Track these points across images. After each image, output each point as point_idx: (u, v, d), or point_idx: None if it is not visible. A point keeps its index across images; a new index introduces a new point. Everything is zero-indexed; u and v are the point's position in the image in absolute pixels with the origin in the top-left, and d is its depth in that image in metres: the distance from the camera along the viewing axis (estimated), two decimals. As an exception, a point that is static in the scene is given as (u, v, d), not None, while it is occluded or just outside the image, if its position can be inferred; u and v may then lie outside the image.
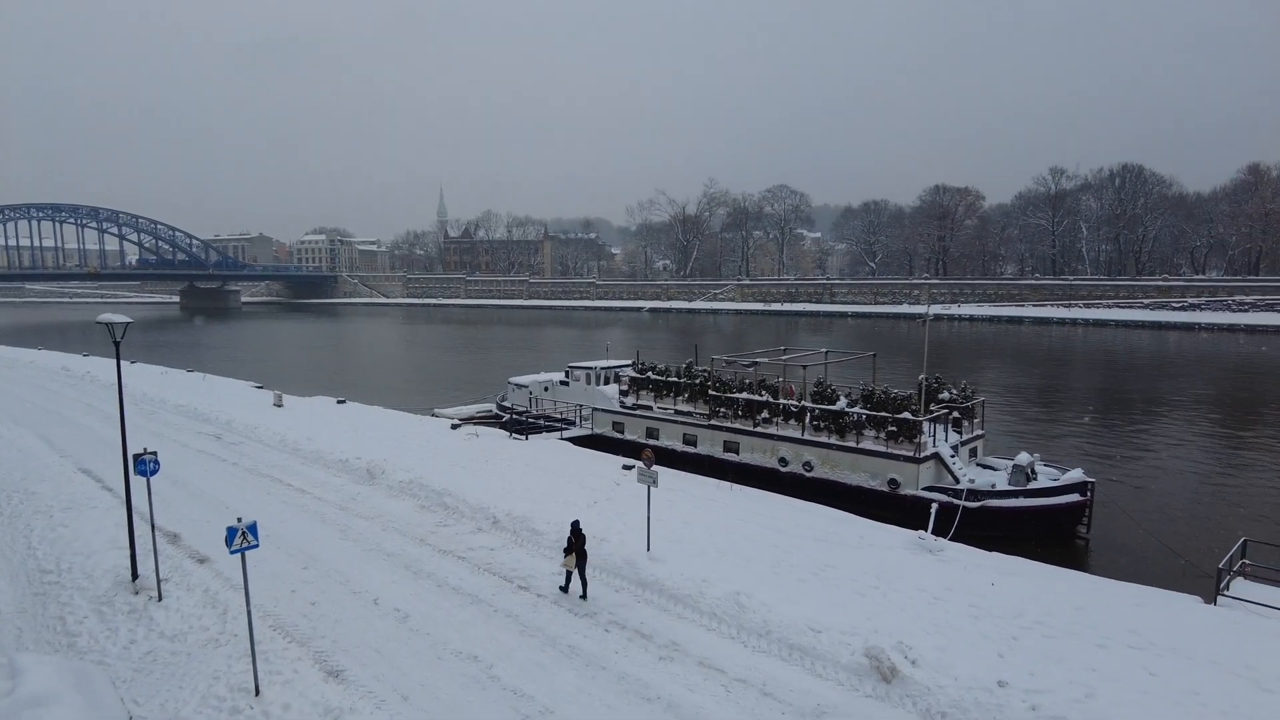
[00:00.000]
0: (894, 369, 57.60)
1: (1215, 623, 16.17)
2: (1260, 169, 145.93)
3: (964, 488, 25.20)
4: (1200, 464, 35.82)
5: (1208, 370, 71.45)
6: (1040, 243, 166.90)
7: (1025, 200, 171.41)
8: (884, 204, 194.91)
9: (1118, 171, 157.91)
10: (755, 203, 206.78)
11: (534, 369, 50.45)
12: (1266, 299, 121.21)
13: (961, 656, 14.29)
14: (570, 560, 17.47)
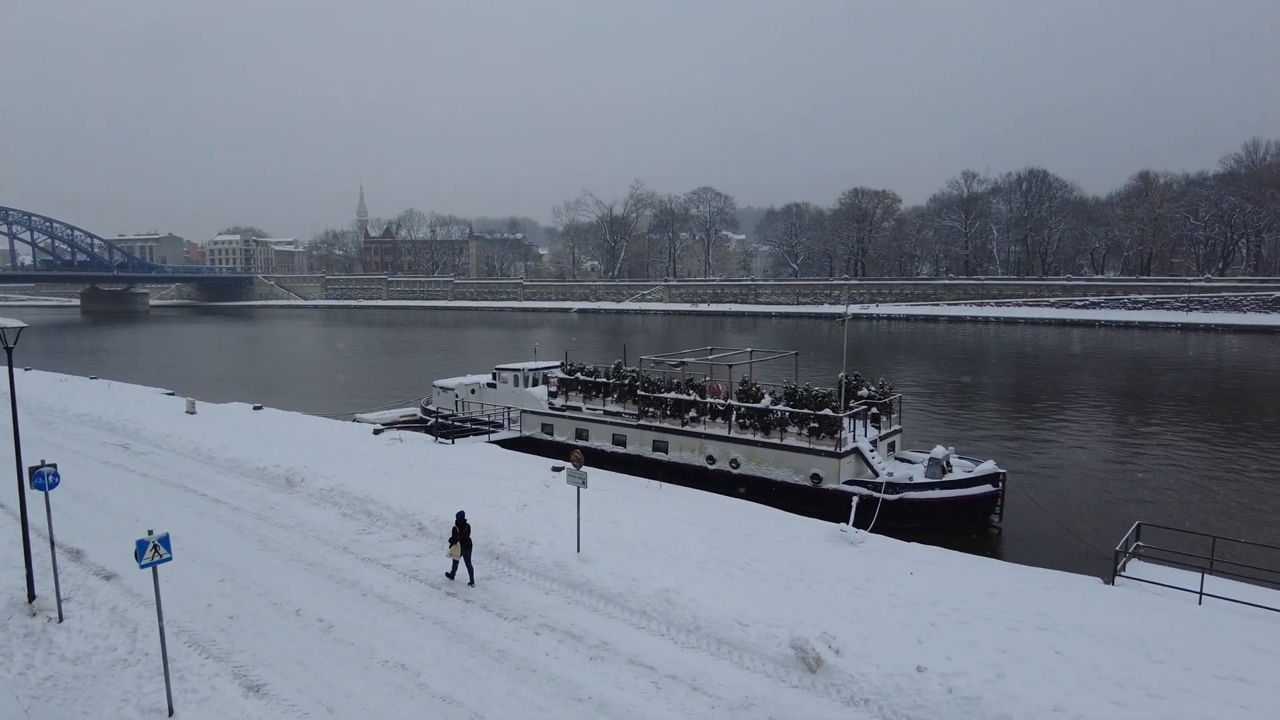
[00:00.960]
0: (816, 367, 59.07)
1: (1113, 602, 17.17)
2: (1149, 176, 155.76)
3: (883, 481, 26.07)
4: (1101, 453, 37.95)
5: (1106, 365, 75.66)
6: (954, 244, 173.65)
7: (939, 203, 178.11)
8: (805, 207, 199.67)
9: (1025, 176, 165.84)
10: (681, 205, 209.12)
11: (459, 371, 49.74)
12: (1157, 297, 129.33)
13: (882, 644, 14.79)
14: (456, 549, 18.34)
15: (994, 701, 12.78)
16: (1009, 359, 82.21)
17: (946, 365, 75.36)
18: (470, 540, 18.57)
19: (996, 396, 56.16)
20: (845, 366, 29.35)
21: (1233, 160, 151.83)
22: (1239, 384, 63.31)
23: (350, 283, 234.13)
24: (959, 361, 79.32)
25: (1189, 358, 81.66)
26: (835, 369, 30.04)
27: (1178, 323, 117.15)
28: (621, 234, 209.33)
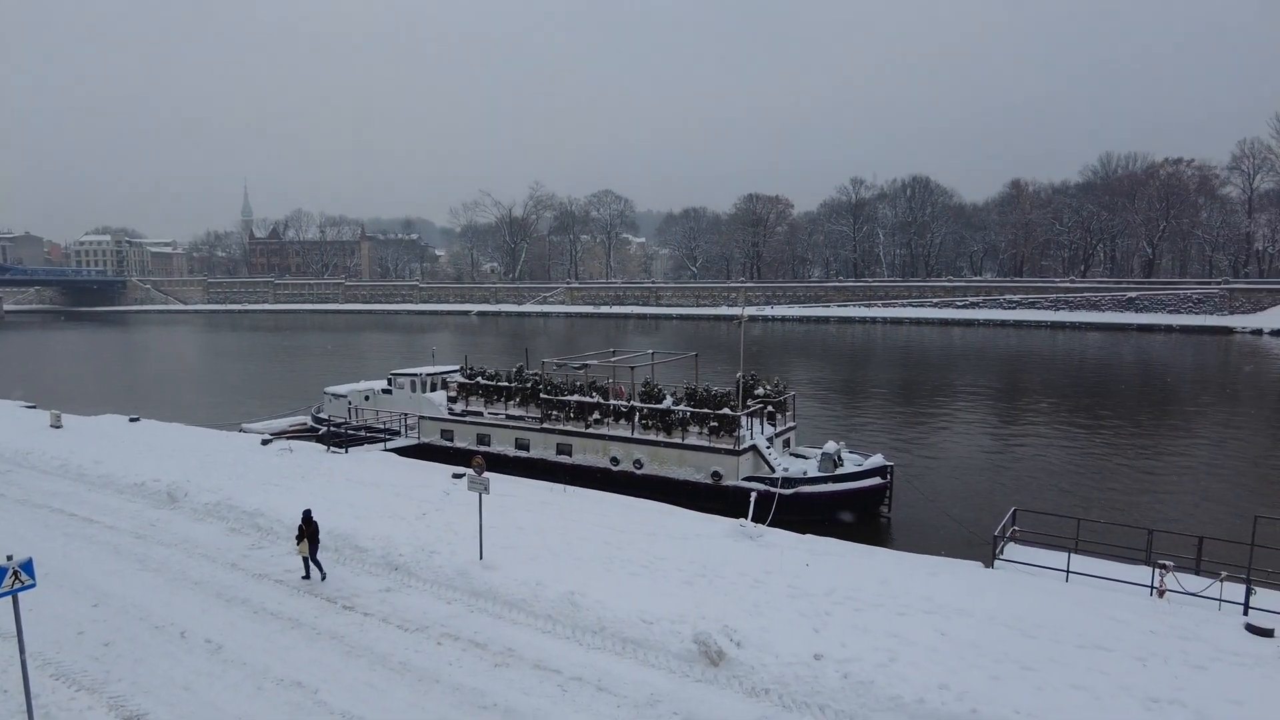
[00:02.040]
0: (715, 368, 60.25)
1: (992, 583, 18.36)
2: (1020, 184, 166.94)
3: (779, 476, 26.97)
4: (981, 444, 40.40)
5: (985, 361, 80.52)
6: (843, 247, 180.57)
7: (829, 208, 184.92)
8: (702, 211, 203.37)
9: (909, 183, 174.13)
10: (582, 207, 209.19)
11: (353, 377, 48.15)
12: (1029, 297, 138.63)
13: (781, 635, 15.32)
14: (304, 547, 18.72)
15: (885, 684, 13.46)
16: (895, 357, 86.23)
17: (837, 364, 78.38)
18: (318, 539, 19.00)
19: (884, 393, 58.86)
20: (742, 367, 30.15)
21: (1090, 171, 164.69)
22: (1100, 377, 68.56)
23: (234, 286, 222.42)
24: (849, 360, 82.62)
25: (1057, 353, 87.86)
26: (733, 369, 30.81)
27: (1047, 321, 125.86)
28: (521, 235, 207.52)
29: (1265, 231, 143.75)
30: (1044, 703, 12.81)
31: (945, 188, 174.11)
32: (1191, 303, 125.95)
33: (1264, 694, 13.11)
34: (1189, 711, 12.56)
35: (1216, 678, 13.67)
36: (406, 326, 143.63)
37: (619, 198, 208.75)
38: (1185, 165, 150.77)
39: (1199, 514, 27.84)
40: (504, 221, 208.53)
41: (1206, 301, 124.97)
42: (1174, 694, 13.06)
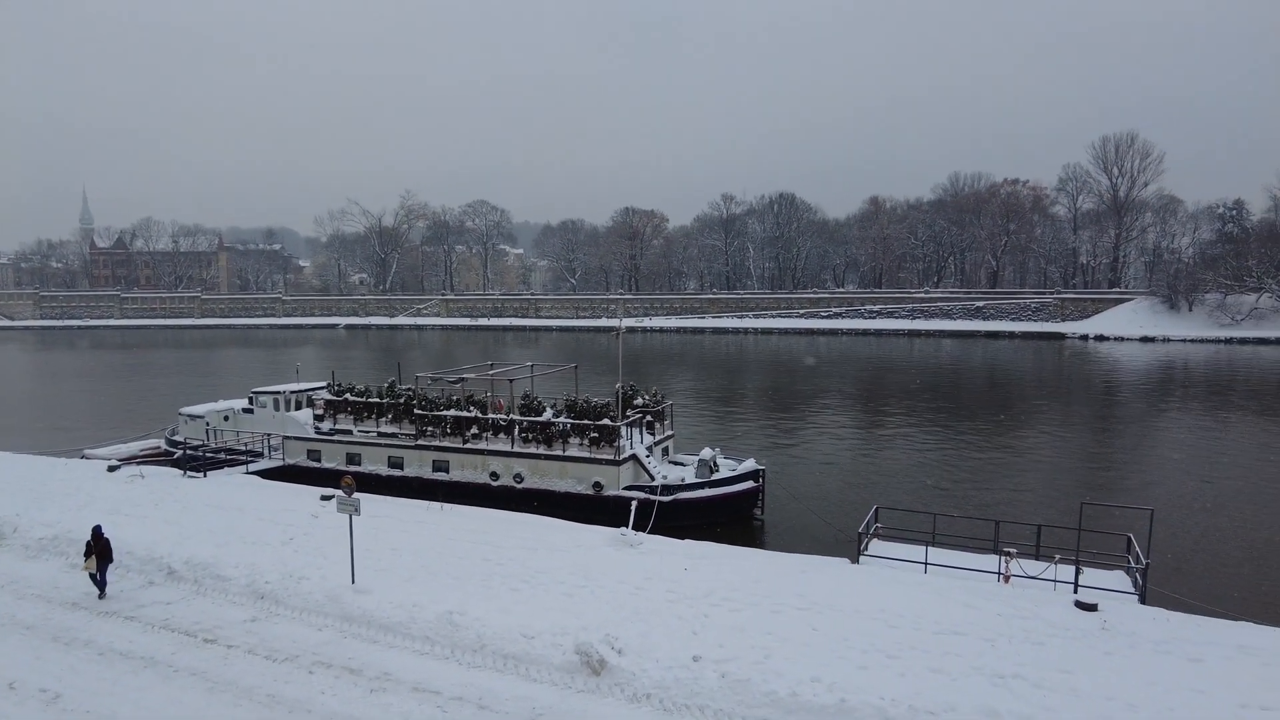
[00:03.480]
0: (594, 379, 60.57)
1: (858, 578, 19.40)
2: (879, 200, 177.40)
3: (659, 484, 27.47)
4: (847, 445, 42.51)
5: (849, 368, 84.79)
6: (716, 261, 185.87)
7: (702, 223, 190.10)
8: (580, 223, 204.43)
9: (776, 199, 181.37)
10: (456, 217, 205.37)
11: (211, 397, 45.16)
12: (888, 308, 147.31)
13: (661, 639, 15.60)
14: (91, 563, 18.79)
15: (761, 680, 13.97)
16: (766, 366, 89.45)
17: (713, 373, 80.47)
18: (110, 555, 19.19)
19: (757, 400, 60.97)
20: (621, 377, 30.58)
21: (941, 189, 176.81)
22: (952, 381, 73.69)
23: (73, 300, 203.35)
24: (724, 370, 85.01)
25: (914, 360, 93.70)
26: (613, 380, 31.14)
27: (905, 329, 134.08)
28: (392, 246, 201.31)
29: (1088, 247, 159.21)
30: (906, 687, 13.66)
31: (810, 204, 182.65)
32: (1030, 311, 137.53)
33: (1087, 662, 14.54)
34: (1028, 684, 13.74)
35: (1052, 651, 15.03)
36: (269, 342, 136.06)
37: (495, 208, 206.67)
38: (1022, 185, 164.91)
39: (1038, 504, 30.40)
40: (374, 231, 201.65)
41: (1043, 310, 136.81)
42: (1017, 670, 14.25)
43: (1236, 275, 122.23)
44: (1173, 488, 33.75)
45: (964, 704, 13.06)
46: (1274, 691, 13.54)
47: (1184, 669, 14.43)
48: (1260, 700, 13.20)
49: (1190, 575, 23.05)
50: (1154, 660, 14.81)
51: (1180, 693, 13.48)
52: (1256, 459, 39.50)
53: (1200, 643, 15.49)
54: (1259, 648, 15.33)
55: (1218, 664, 14.57)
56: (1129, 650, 15.21)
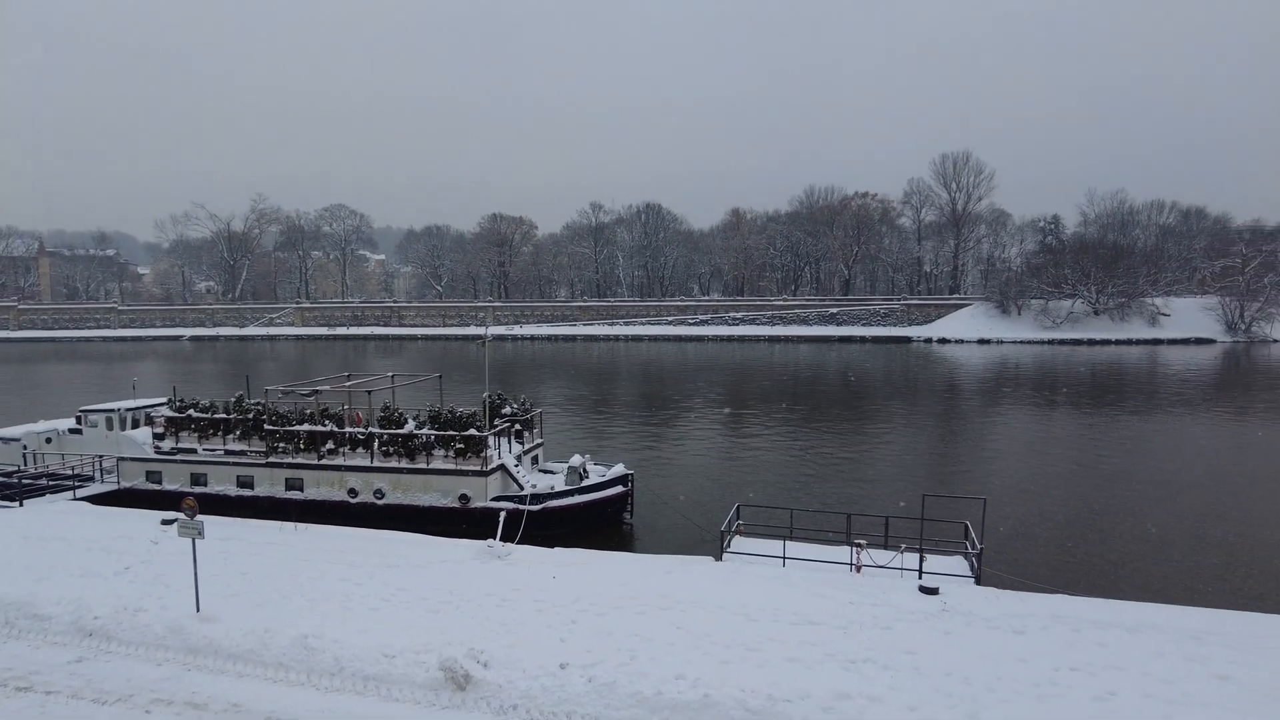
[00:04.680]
0: (461, 388, 59.39)
1: (721, 575, 20.00)
2: (740, 212, 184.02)
3: (528, 493, 27.26)
4: (713, 447, 43.69)
5: (714, 373, 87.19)
6: (586, 269, 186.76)
7: (572, 231, 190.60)
8: (446, 229, 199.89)
9: (643, 209, 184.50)
10: (313, 221, 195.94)
11: (29, 417, 40.89)
12: (750, 314, 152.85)
13: (529, 649, 15.48)
14: None
15: (627, 682, 14.14)
16: (637, 372, 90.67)
17: (584, 380, 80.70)
18: None
19: (627, 406, 61.65)
20: (488, 386, 30.18)
21: (797, 201, 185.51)
22: (810, 384, 77.29)
23: None
24: (594, 377, 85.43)
25: (774, 364, 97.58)
26: (480, 389, 30.66)
27: (766, 335, 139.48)
28: (243, 252, 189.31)
29: (930, 256, 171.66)
30: (765, 678, 14.21)
31: (676, 215, 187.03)
32: (880, 317, 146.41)
33: (929, 642, 15.65)
34: (877, 666, 14.62)
35: (898, 635, 16.06)
36: (102, 355, 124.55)
37: (354, 212, 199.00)
38: (871, 198, 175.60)
39: (887, 496, 32.36)
40: (221, 236, 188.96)
41: (891, 315, 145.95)
42: (867, 654, 15.13)
43: (1055, 283, 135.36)
44: (1004, 476, 36.85)
45: (818, 690, 13.73)
46: (1081, 653, 15.08)
47: (1010, 641, 15.80)
48: (1069, 662, 14.66)
49: (1017, 555, 25.23)
50: (986, 635, 16.11)
51: (1006, 663, 14.74)
52: (1073, 448, 43.76)
53: (1023, 616, 17.01)
54: (1069, 616, 17.00)
55: (1036, 634, 16.05)
56: (965, 628, 16.48)
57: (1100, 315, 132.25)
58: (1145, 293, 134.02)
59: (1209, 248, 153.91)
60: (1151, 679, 14.16)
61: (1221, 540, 26.99)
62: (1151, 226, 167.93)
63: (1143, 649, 15.44)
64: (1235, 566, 24.58)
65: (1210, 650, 15.43)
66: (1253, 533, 27.76)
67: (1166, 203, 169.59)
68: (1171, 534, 27.77)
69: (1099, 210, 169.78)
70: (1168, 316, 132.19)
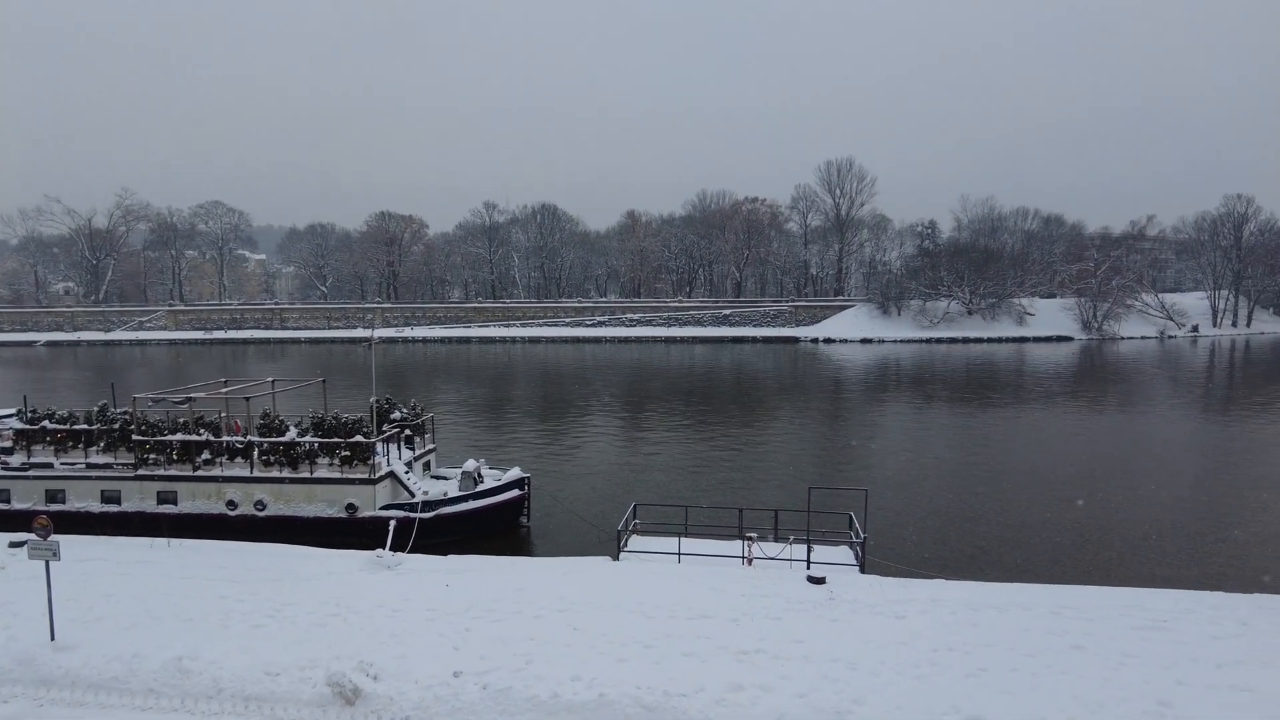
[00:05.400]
0: (347, 393, 57.34)
1: (617, 575, 20.14)
2: (635, 214, 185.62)
3: (419, 501, 26.58)
4: (611, 447, 43.85)
5: (612, 374, 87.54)
6: (481, 269, 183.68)
7: (465, 230, 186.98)
8: (331, 228, 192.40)
9: (538, 209, 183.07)
10: (186, 219, 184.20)
11: None
12: (647, 316, 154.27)
13: (421, 659, 15.14)
14: None
15: (523, 687, 14.04)
16: (534, 374, 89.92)
17: (479, 383, 79.36)
18: None
19: (524, 408, 61.07)
20: (376, 391, 29.26)
21: (690, 205, 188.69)
22: (704, 383, 78.70)
23: None
24: (490, 379, 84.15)
25: (670, 364, 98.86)
26: (368, 394, 29.68)
27: (662, 336, 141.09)
28: (107, 250, 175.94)
29: (816, 260, 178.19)
30: (661, 673, 14.42)
31: (572, 216, 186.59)
32: (769, 318, 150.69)
33: (817, 630, 16.29)
34: (769, 656, 15.09)
35: (788, 625, 16.62)
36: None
37: (232, 210, 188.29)
38: (760, 203, 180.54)
39: (776, 490, 33.36)
40: (82, 233, 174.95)
41: (780, 317, 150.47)
42: (758, 644, 15.59)
43: (932, 284, 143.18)
44: (885, 468, 38.67)
45: (713, 683, 14.04)
46: (956, 634, 16.04)
47: (892, 625, 16.62)
48: (946, 643, 15.58)
49: (898, 543, 26.52)
50: (870, 621, 16.89)
51: (889, 647, 15.51)
52: (948, 440, 46.39)
53: (903, 601, 17.94)
54: (946, 599, 18.05)
55: (916, 617, 16.95)
56: (850, 616, 17.23)
57: (973, 315, 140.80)
58: (1013, 294, 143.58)
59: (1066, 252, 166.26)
60: (1017, 653, 15.23)
61: (1074, 522, 29.24)
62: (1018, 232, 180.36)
63: (1011, 626, 16.57)
64: (1085, 545, 26.70)
65: (1068, 623, 16.72)
66: (1098, 515, 30.20)
67: (1030, 210, 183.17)
68: (1032, 518, 29.87)
69: (971, 216, 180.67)
70: (1033, 316, 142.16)
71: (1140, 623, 16.77)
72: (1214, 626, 16.60)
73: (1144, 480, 36.11)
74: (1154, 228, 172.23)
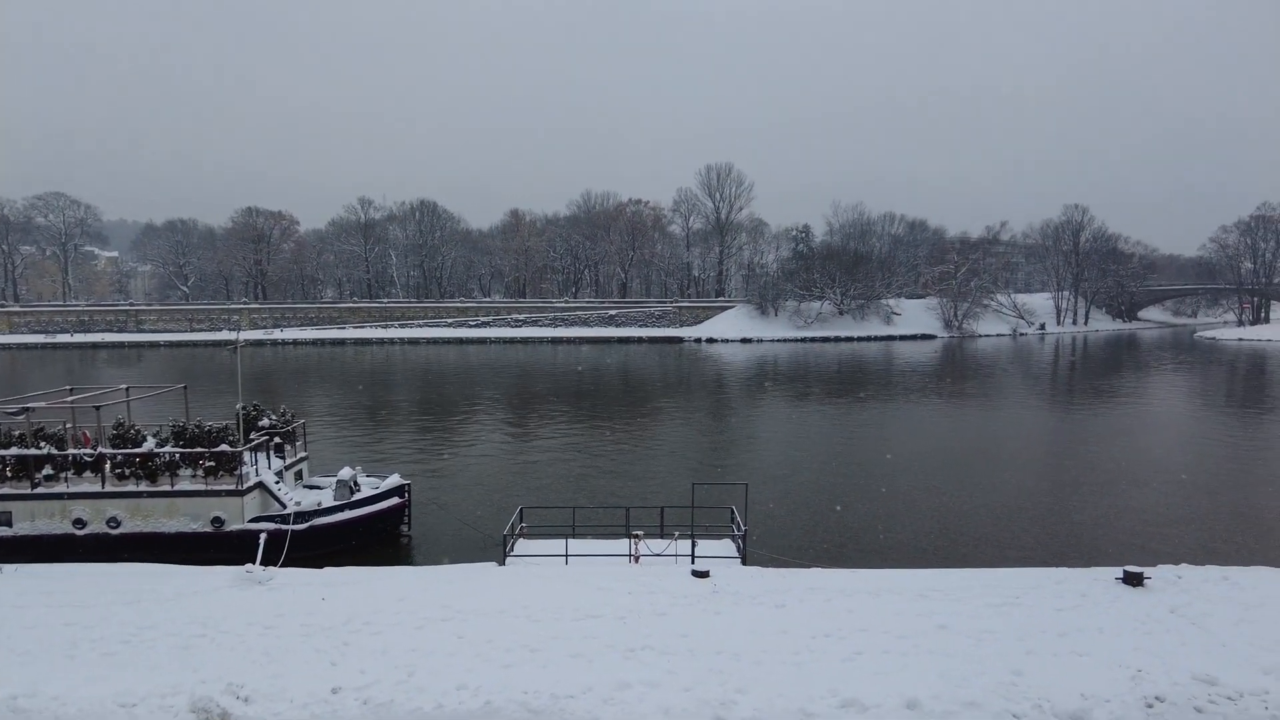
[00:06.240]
0: (212, 400, 53.90)
1: (503, 580, 19.87)
2: (519, 213, 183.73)
3: (291, 512, 25.32)
4: (496, 451, 43.21)
5: (497, 376, 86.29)
6: (356, 268, 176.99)
7: (339, 227, 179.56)
8: (192, 223, 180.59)
9: (417, 206, 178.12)
10: (21, 211, 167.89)
11: None
12: (533, 316, 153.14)
13: (296, 678, 14.43)
14: None
15: (405, 699, 13.64)
16: (415, 377, 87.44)
17: (356, 387, 76.40)
18: None
19: (404, 413, 59.28)
20: (243, 396, 27.69)
21: (575, 205, 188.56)
22: (593, 383, 78.87)
23: None
24: (368, 383, 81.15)
25: (558, 365, 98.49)
26: (233, 400, 28.03)
27: (549, 337, 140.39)
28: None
29: (698, 261, 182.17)
30: (548, 677, 14.34)
31: (453, 213, 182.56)
32: (655, 318, 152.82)
33: (701, 624, 16.66)
34: (655, 652, 15.30)
35: (673, 620, 16.90)
36: None
37: (76, 202, 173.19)
38: (644, 205, 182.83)
39: (662, 487, 33.82)
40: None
41: (664, 317, 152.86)
42: (645, 641, 15.77)
43: (806, 286, 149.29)
44: (765, 462, 39.98)
45: (600, 682, 14.10)
46: (832, 620, 16.80)
47: (772, 615, 17.20)
48: (823, 629, 16.28)
49: (778, 534, 27.44)
50: (751, 612, 17.41)
51: (770, 636, 16.04)
52: (822, 433, 48.46)
53: (783, 591, 18.60)
54: (822, 587, 18.86)
55: (795, 606, 17.62)
56: (733, 607, 17.69)
57: (844, 315, 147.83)
58: (881, 295, 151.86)
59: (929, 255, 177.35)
60: (890, 636, 16.09)
61: (936, 509, 31.19)
62: (885, 236, 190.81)
63: (883, 610, 17.49)
64: (947, 531, 28.53)
65: (934, 605, 17.81)
66: (958, 502, 32.36)
67: (897, 215, 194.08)
68: (898, 506, 31.63)
69: (842, 221, 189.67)
70: (899, 315, 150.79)
71: (997, 600, 18.07)
72: (1058, 600, 18.10)
73: (997, 467, 38.98)
74: (1006, 233, 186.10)
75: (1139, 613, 17.34)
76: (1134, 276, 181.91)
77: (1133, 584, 18.84)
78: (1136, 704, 13.54)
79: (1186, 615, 17.21)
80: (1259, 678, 14.42)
